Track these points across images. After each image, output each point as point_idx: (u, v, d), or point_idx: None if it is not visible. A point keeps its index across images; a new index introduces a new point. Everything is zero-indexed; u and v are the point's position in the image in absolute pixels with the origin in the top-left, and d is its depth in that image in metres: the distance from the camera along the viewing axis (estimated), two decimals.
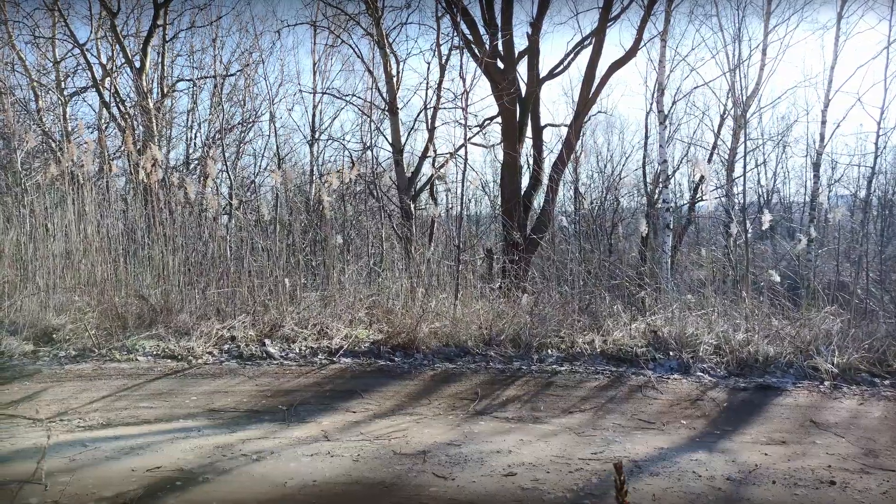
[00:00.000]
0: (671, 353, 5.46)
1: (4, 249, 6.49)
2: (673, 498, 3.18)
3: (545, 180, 14.03)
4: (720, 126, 18.29)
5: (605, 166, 19.95)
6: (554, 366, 5.44)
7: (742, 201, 8.92)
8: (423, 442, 3.96)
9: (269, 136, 16.25)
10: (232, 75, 16.00)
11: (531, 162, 14.39)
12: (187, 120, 16.56)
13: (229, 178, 9.86)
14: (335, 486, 3.34)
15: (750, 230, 7.05)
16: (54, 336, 5.94)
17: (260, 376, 5.32)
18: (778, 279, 6.87)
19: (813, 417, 4.42)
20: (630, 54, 13.35)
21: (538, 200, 14.07)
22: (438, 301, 6.84)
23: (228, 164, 12.72)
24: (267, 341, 5.89)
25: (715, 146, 18.46)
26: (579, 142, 14.85)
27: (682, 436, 4.14)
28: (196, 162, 15.84)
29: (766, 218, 7.26)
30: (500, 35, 12.95)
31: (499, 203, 15.44)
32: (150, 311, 6.62)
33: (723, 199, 14.96)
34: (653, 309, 6.25)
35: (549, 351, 5.70)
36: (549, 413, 4.56)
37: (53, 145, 9.43)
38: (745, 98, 15.95)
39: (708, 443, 3.99)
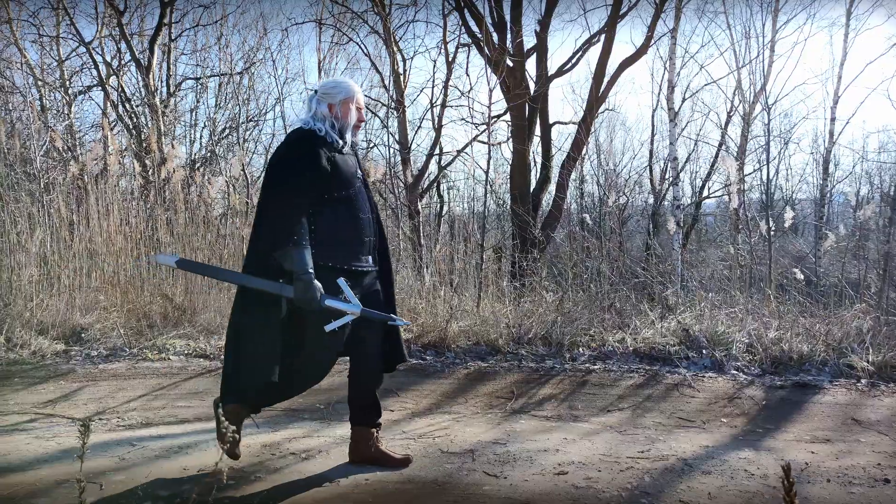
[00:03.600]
0: (704, 352, 5.47)
1: (31, 249, 6.48)
2: (729, 496, 3.18)
3: (554, 178, 14.07)
4: (727, 123, 18.35)
5: (608, 163, 19.98)
6: (587, 364, 5.45)
7: (766, 198, 8.87)
8: (468, 441, 3.96)
9: (273, 134, 16.26)
10: (240, 73, 15.99)
11: (537, 160, 14.42)
12: (190, 118, 16.56)
13: (244, 176, 9.86)
14: (388, 485, 3.33)
15: (773, 227, 7.06)
16: (83, 335, 5.94)
17: None
18: (801, 276, 6.90)
19: (854, 415, 4.43)
20: (641, 51, 13.36)
21: (547, 198, 14.12)
22: (461, 299, 6.85)
23: (243, 162, 12.68)
24: None
25: (721, 143, 18.53)
26: (588, 139, 14.92)
27: (724, 434, 4.14)
28: (200, 162, 15.83)
29: (789, 215, 7.28)
30: (508, 32, 12.96)
31: (505, 201, 15.48)
32: (174, 311, 6.62)
33: (731, 195, 14.95)
34: (679, 307, 6.25)
35: (580, 349, 5.70)
36: (588, 412, 4.57)
37: (61, 145, 9.40)
38: (756, 92, 15.98)
39: (752, 441, 4.00)
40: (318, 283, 3.14)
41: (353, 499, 3.20)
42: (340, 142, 3.35)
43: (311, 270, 3.13)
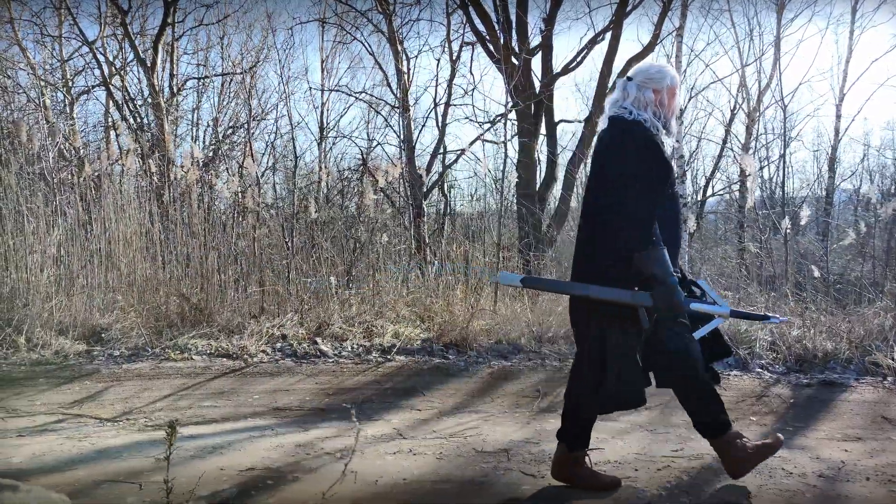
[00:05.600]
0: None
1: (50, 250, 6.46)
2: (770, 495, 3.17)
3: (560, 176, 14.10)
4: (731, 120, 18.36)
5: None
6: None
7: (782, 195, 8.86)
8: (500, 440, 3.96)
9: (277, 134, 16.24)
10: (246, 72, 15.93)
11: (541, 158, 14.42)
12: (193, 117, 16.53)
13: (257, 177, 9.87)
14: (426, 485, 3.33)
15: (790, 226, 7.07)
16: (103, 336, 5.93)
17: (318, 374, 5.32)
18: (818, 274, 6.90)
19: (883, 413, 4.43)
20: (648, 49, 13.34)
21: (553, 196, 14.14)
22: (477, 298, 6.84)
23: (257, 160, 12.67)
24: (318, 339, 5.89)
25: (725, 141, 18.55)
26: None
27: (754, 432, 4.13)
28: (202, 161, 15.75)
29: (805, 213, 7.30)
30: (514, 31, 12.96)
31: (509, 200, 15.49)
32: (191, 310, 6.61)
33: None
34: None
35: None
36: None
37: (79, 143, 9.40)
38: (761, 90, 16.02)
39: (784, 439, 3.99)
40: (680, 288, 2.89)
41: (393, 498, 3.20)
42: (664, 132, 3.10)
43: (675, 274, 2.89)
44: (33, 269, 6.39)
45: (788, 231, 7.06)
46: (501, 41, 12.71)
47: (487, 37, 13.18)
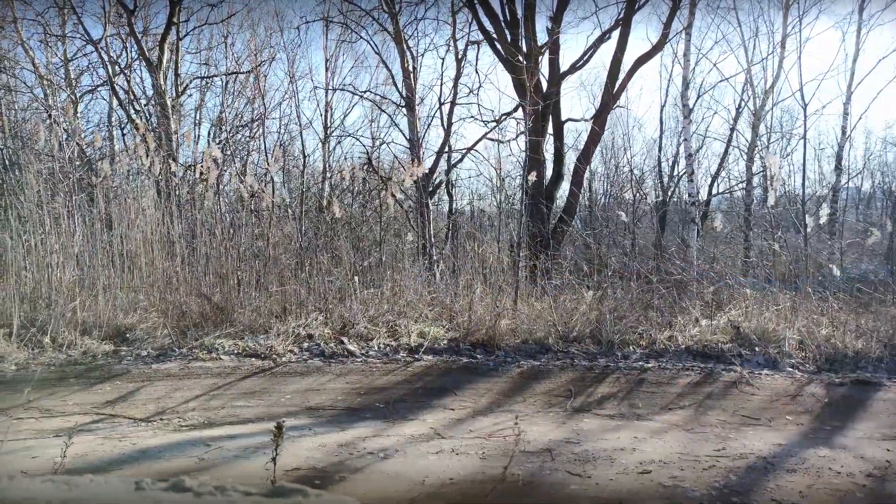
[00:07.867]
0: (756, 349, 5.47)
1: (73, 250, 6.43)
2: (821, 495, 3.17)
3: (567, 175, 14.11)
4: (736, 118, 18.36)
5: (610, 160, 19.98)
6: (640, 363, 5.44)
7: (802, 194, 8.86)
8: (540, 440, 3.94)
9: (285, 132, 16.22)
10: (253, 70, 15.88)
11: (545, 157, 14.43)
12: (196, 116, 16.48)
13: (272, 177, 9.85)
14: (475, 484, 3.31)
15: (810, 224, 7.07)
16: (128, 336, 5.90)
17: (347, 374, 5.30)
18: (838, 273, 6.90)
19: None
20: (657, 48, 13.35)
21: (560, 194, 14.16)
22: (496, 297, 6.83)
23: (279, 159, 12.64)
24: (344, 339, 5.86)
25: (730, 140, 18.57)
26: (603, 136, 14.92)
27: (792, 432, 4.13)
28: (201, 161, 15.66)
29: (824, 212, 7.28)
30: (521, 30, 12.94)
31: (514, 198, 15.47)
32: (213, 310, 6.58)
33: (742, 192, 15.12)
34: (728, 305, 6.25)
35: (631, 348, 5.70)
36: (649, 410, 4.55)
37: (99, 144, 9.37)
38: (767, 89, 16.01)
39: (823, 438, 3.99)
40: None
41: (443, 497, 3.19)
42: None
43: None
44: (55, 268, 6.36)
45: (810, 230, 7.05)
46: (509, 39, 12.72)
47: (495, 35, 13.16)
